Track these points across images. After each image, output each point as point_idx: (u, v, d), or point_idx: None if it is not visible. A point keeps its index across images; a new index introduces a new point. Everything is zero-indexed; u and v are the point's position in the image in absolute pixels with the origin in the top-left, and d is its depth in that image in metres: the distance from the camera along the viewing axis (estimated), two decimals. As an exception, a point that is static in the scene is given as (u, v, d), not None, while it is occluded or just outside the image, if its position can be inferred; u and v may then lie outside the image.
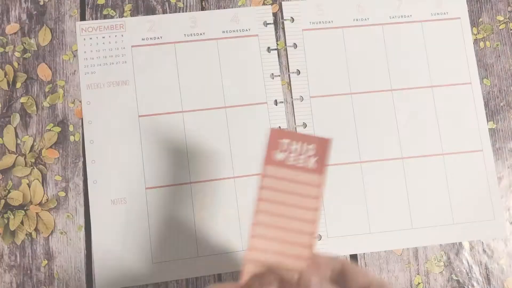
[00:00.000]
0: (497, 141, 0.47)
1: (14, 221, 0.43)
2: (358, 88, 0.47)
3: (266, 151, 0.31)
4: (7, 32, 0.46)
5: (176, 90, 0.46)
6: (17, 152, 0.44)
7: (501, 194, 0.46)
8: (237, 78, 0.46)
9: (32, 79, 0.45)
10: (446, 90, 0.47)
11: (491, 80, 0.48)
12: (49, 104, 0.45)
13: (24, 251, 0.43)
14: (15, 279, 0.42)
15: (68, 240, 0.43)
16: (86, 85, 0.45)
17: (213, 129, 0.45)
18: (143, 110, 0.45)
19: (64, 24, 0.46)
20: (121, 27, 0.46)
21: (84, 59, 0.46)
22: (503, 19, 0.49)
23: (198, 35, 0.47)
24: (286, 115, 0.46)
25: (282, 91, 0.46)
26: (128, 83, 0.45)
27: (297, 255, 0.28)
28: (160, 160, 0.44)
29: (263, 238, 0.28)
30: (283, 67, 0.47)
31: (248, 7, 0.48)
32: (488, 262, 0.45)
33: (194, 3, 0.47)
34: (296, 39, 0.47)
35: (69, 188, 0.44)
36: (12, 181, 0.43)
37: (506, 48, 0.49)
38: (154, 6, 0.47)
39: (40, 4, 0.46)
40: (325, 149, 0.30)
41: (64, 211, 0.43)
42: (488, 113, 0.47)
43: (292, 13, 0.48)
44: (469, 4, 0.49)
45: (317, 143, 0.30)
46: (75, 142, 0.44)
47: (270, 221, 0.28)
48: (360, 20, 0.48)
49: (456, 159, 0.46)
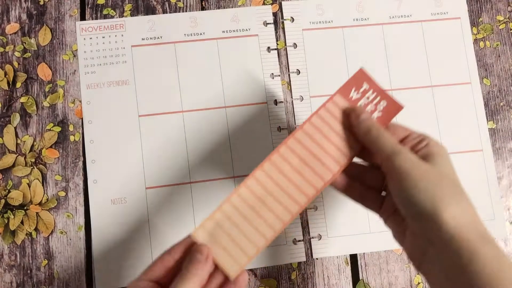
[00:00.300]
0: (497, 141, 0.47)
1: (14, 221, 0.43)
2: (358, 88, 0.47)
3: (345, 84, 0.33)
4: (7, 31, 0.46)
5: (176, 90, 0.46)
6: (17, 152, 0.44)
7: (501, 194, 0.46)
8: (237, 78, 0.46)
9: (32, 79, 0.45)
10: (446, 90, 0.47)
11: (491, 80, 0.48)
12: (49, 104, 0.45)
13: (24, 250, 0.43)
14: (15, 278, 0.42)
15: (68, 240, 0.43)
16: (86, 85, 0.45)
17: (213, 129, 0.45)
18: (143, 110, 0.45)
19: (64, 24, 0.46)
20: (121, 27, 0.46)
21: (84, 59, 0.46)
22: (503, 19, 0.49)
23: (198, 35, 0.47)
24: (286, 115, 0.46)
25: (282, 91, 0.46)
26: (128, 83, 0.45)
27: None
28: (160, 160, 0.44)
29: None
30: (283, 67, 0.47)
31: (248, 7, 0.48)
32: (488, 262, 0.45)
33: (194, 3, 0.47)
34: (296, 39, 0.47)
35: (69, 188, 0.44)
36: (12, 180, 0.43)
37: (506, 48, 0.49)
38: (154, 6, 0.47)
39: (40, 4, 0.46)
40: (393, 112, 0.33)
41: (64, 211, 0.43)
42: (488, 113, 0.47)
43: (292, 13, 0.48)
44: (469, 4, 0.49)
45: (389, 103, 0.33)
46: (75, 142, 0.44)
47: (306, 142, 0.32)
48: (360, 20, 0.48)
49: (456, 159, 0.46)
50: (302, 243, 0.44)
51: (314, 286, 0.44)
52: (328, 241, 0.44)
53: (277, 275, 0.44)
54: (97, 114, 0.45)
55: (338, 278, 0.44)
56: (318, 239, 0.44)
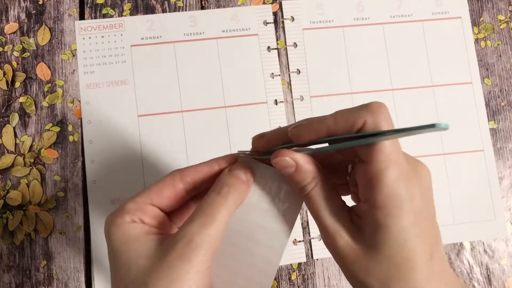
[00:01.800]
0: (498, 141, 0.47)
1: (13, 221, 0.43)
2: (358, 88, 0.47)
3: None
4: (6, 31, 0.46)
5: (176, 90, 0.45)
6: (16, 152, 0.44)
7: (502, 194, 0.46)
8: (237, 78, 0.46)
9: (31, 78, 0.45)
10: (447, 90, 0.47)
11: (492, 80, 0.48)
12: (48, 104, 0.45)
13: (23, 251, 0.42)
14: (14, 279, 0.42)
15: (67, 241, 0.43)
16: (85, 84, 0.45)
17: (213, 129, 0.45)
18: (142, 110, 0.45)
19: (63, 24, 0.46)
20: (120, 26, 0.46)
21: (83, 59, 0.45)
22: (504, 19, 0.49)
23: (197, 35, 0.46)
24: (286, 115, 0.46)
25: (282, 90, 0.46)
26: (128, 83, 0.45)
27: None
28: (159, 160, 0.44)
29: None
30: (283, 67, 0.47)
31: (248, 6, 0.47)
32: (489, 263, 0.45)
33: (193, 2, 0.47)
34: (296, 39, 0.47)
35: (68, 188, 0.43)
36: (11, 181, 0.43)
37: (507, 47, 0.49)
38: (153, 5, 0.47)
39: (39, 3, 0.46)
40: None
41: (63, 211, 0.43)
42: (489, 112, 0.47)
43: (292, 12, 0.47)
44: (470, 3, 0.49)
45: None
46: (74, 142, 0.44)
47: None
48: (361, 19, 0.48)
49: (457, 159, 0.46)
50: (303, 244, 0.44)
51: (314, 287, 0.44)
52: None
53: (277, 275, 0.44)
54: (96, 114, 0.45)
55: (339, 279, 0.44)
56: (318, 239, 0.44)
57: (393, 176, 0.22)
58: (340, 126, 0.23)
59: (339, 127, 0.23)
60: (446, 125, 0.18)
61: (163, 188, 0.26)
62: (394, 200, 0.21)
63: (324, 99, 0.46)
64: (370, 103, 0.22)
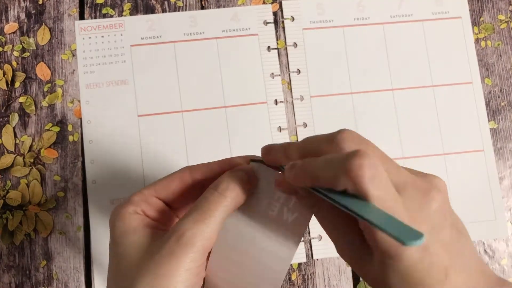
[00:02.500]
0: (498, 141, 0.47)
1: (13, 222, 0.43)
2: (358, 88, 0.46)
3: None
4: (5, 31, 0.45)
5: (176, 90, 0.45)
6: (16, 152, 0.44)
7: (502, 194, 0.46)
8: (237, 78, 0.46)
9: (31, 78, 0.45)
10: (447, 90, 0.47)
11: (492, 80, 0.48)
12: (48, 104, 0.45)
13: (23, 251, 0.42)
14: (14, 279, 0.42)
15: (67, 241, 0.43)
16: (85, 84, 0.45)
17: (213, 129, 0.45)
18: (142, 110, 0.45)
19: (63, 23, 0.46)
20: (120, 26, 0.46)
21: (83, 59, 0.45)
22: (504, 19, 0.49)
23: (197, 34, 0.46)
24: (286, 115, 0.46)
25: (282, 90, 0.46)
26: (128, 83, 0.45)
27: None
28: (160, 160, 0.44)
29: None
30: (283, 67, 0.47)
31: (248, 6, 0.47)
32: (489, 263, 0.45)
33: (193, 2, 0.47)
34: (296, 38, 0.47)
35: (68, 188, 0.43)
36: (10, 181, 0.43)
37: (507, 47, 0.49)
38: (153, 5, 0.47)
39: (39, 3, 0.46)
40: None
41: (63, 211, 0.43)
42: (490, 112, 0.47)
43: (292, 12, 0.47)
44: (470, 3, 0.49)
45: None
46: (74, 142, 0.44)
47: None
48: (361, 19, 0.48)
49: (457, 159, 0.46)
50: (303, 244, 0.44)
51: (314, 287, 0.44)
52: (329, 242, 0.44)
53: (277, 276, 0.43)
54: (96, 114, 0.44)
55: (339, 279, 0.44)
56: (318, 239, 0.44)
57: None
58: (321, 180, 0.20)
59: (320, 182, 0.20)
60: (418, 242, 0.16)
61: (171, 182, 0.26)
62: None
63: (324, 99, 0.46)
64: (348, 161, 0.19)
